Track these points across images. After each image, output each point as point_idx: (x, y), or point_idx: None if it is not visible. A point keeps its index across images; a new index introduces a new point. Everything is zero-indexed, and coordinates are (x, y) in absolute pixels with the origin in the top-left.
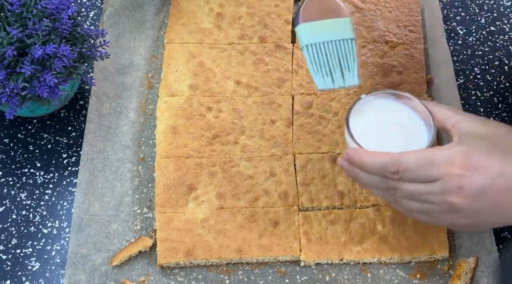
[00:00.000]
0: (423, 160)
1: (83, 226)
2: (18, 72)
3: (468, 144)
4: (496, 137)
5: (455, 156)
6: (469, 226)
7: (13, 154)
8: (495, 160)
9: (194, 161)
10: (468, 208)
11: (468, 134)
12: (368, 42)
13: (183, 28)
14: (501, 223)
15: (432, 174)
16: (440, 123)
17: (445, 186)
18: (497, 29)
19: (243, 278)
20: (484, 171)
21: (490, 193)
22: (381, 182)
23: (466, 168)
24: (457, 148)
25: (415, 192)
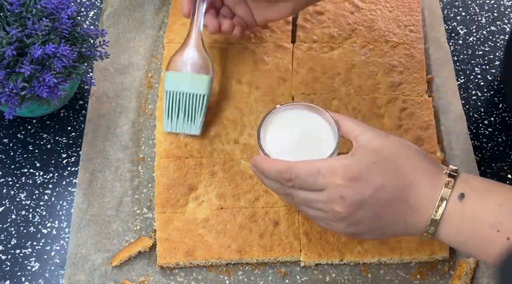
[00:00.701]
0: (311, 170)
1: (83, 226)
2: (17, 72)
3: (357, 157)
4: (386, 150)
5: (338, 167)
6: (360, 234)
7: (12, 154)
8: (378, 173)
9: (194, 161)
10: (351, 217)
11: (363, 147)
12: (368, 42)
13: (183, 28)
14: (391, 234)
15: (318, 183)
16: (344, 135)
17: (329, 195)
18: (497, 29)
19: (243, 279)
20: (365, 183)
21: (371, 204)
22: (280, 188)
23: (347, 178)
24: (344, 160)
25: (306, 199)
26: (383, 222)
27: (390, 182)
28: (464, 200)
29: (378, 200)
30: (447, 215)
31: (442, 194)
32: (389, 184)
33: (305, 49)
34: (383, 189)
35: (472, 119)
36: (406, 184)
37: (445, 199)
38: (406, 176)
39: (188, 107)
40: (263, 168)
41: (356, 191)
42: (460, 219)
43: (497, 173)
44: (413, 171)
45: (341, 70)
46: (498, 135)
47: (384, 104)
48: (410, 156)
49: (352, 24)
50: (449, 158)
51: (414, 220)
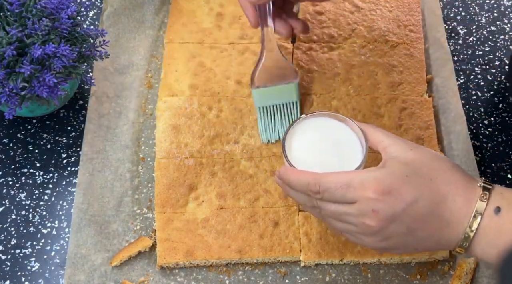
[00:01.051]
0: (341, 183)
1: (83, 226)
2: (17, 72)
3: (389, 169)
4: (418, 163)
5: (370, 180)
6: (391, 249)
7: (12, 154)
8: (411, 186)
9: (194, 161)
10: (383, 231)
11: (393, 159)
12: (368, 42)
13: (183, 28)
14: (424, 249)
15: (348, 196)
16: (373, 146)
17: (361, 209)
18: (497, 29)
19: (243, 279)
20: (399, 196)
21: (404, 218)
22: (307, 200)
23: (379, 192)
24: (375, 173)
25: (336, 212)
26: (416, 237)
27: (423, 196)
28: (500, 214)
29: (411, 214)
30: (482, 229)
31: (477, 208)
32: (422, 198)
33: (305, 49)
34: (416, 203)
35: (472, 119)
36: (440, 198)
37: (480, 213)
38: (439, 190)
39: (282, 115)
40: (290, 180)
41: (388, 205)
42: (496, 234)
43: (497, 173)
44: (446, 185)
45: (341, 70)
46: (498, 135)
47: (384, 104)
48: (443, 169)
49: (352, 24)
50: (450, 158)
51: (448, 235)
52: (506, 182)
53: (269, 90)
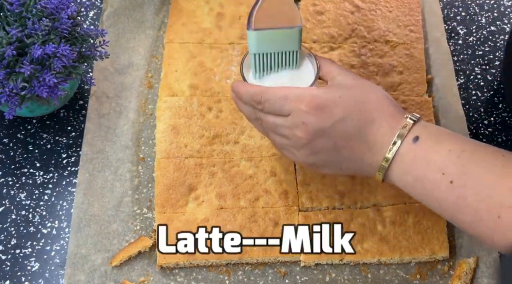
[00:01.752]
0: (280, 94)
1: (83, 226)
2: (17, 72)
3: (326, 89)
4: (355, 88)
5: (306, 95)
6: (319, 166)
7: (12, 154)
8: (343, 106)
9: (194, 161)
10: (311, 144)
11: (336, 84)
12: (368, 42)
13: (183, 28)
14: (348, 170)
15: (285, 108)
16: (323, 76)
17: (293, 120)
18: (497, 29)
19: (243, 278)
20: (329, 112)
21: (331, 133)
22: (251, 112)
23: (312, 107)
24: (313, 90)
25: (273, 124)
26: (341, 156)
27: (352, 116)
28: (417, 143)
29: (338, 131)
30: (399, 155)
31: (398, 135)
32: (351, 118)
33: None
34: (344, 122)
35: (472, 119)
36: (367, 121)
37: (399, 140)
38: (368, 114)
39: (279, 65)
40: (239, 91)
41: (318, 119)
42: (411, 161)
43: None
44: (376, 111)
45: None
46: (498, 135)
47: None
48: (376, 97)
49: (352, 24)
50: None
51: (370, 158)
52: None
53: (270, 33)
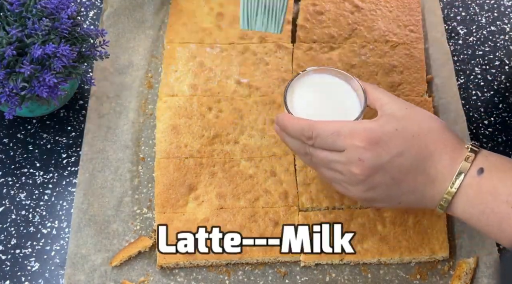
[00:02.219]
0: (333, 129)
1: (83, 226)
2: (17, 72)
3: (379, 122)
4: (410, 119)
5: (360, 129)
6: (376, 201)
7: (12, 154)
8: (400, 140)
9: (194, 161)
10: (368, 180)
11: (388, 115)
12: (368, 42)
13: (183, 28)
14: (408, 204)
15: (338, 144)
16: (371, 104)
17: (348, 157)
18: (497, 29)
19: (243, 278)
20: (386, 148)
21: (389, 169)
22: (300, 147)
23: (367, 142)
24: (366, 124)
25: (325, 159)
26: (400, 190)
27: (410, 150)
28: (482, 175)
29: (397, 166)
30: (463, 188)
31: (461, 167)
32: (408, 152)
33: (305, 49)
34: (402, 156)
35: (472, 119)
36: (426, 154)
37: (463, 173)
38: (427, 147)
39: (268, 4)
40: (286, 125)
41: (375, 154)
42: (476, 194)
43: None
44: (434, 143)
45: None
46: (498, 135)
47: None
48: (433, 128)
49: (352, 24)
50: None
51: (432, 191)
52: None
53: None
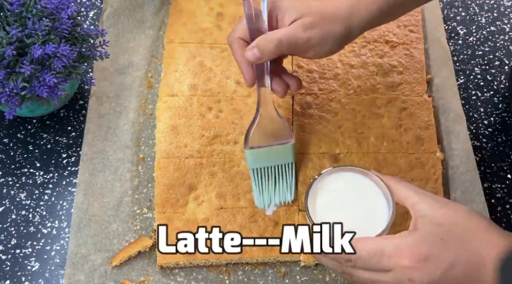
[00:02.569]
0: (374, 251)
1: (83, 226)
2: (17, 72)
3: (421, 233)
4: (452, 223)
5: (404, 247)
6: None
7: (12, 154)
8: (448, 250)
9: (194, 161)
10: None
11: (424, 218)
12: (368, 42)
13: (183, 28)
14: None
15: (383, 265)
16: (399, 201)
17: (396, 278)
18: (497, 29)
19: (243, 278)
20: (436, 262)
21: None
22: (338, 266)
23: (415, 260)
24: (409, 238)
25: (369, 280)
26: None
27: (461, 260)
28: None
29: (450, 279)
30: None
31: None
32: (460, 263)
33: None
34: (453, 269)
35: (472, 119)
36: (479, 260)
37: None
38: (478, 252)
39: (278, 177)
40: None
41: (425, 272)
42: None
43: (497, 173)
44: (484, 246)
45: (341, 70)
46: (498, 135)
47: (383, 104)
48: (479, 229)
49: None
50: (449, 158)
51: None
52: (506, 182)
53: (264, 151)
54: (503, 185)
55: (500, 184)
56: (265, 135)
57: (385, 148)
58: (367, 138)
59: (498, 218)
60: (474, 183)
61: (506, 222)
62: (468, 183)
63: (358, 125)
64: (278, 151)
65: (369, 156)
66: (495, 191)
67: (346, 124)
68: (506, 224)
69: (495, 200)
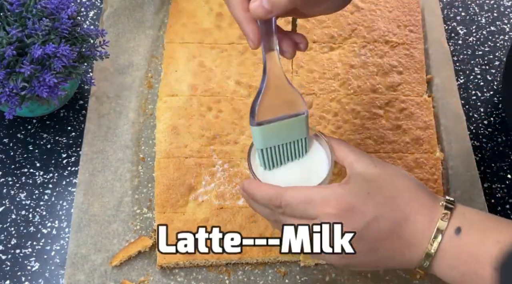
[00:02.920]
0: (303, 198)
1: (83, 226)
2: (17, 72)
3: (350, 186)
4: (382, 180)
5: (331, 196)
6: (353, 266)
7: (12, 154)
8: (373, 204)
9: (194, 161)
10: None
11: (357, 175)
12: (368, 42)
13: (183, 28)
14: (386, 267)
15: (310, 212)
16: (338, 160)
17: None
18: (497, 29)
19: (243, 278)
20: (359, 214)
21: (364, 236)
22: (270, 214)
23: (340, 209)
24: (337, 189)
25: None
26: (377, 256)
27: (385, 215)
28: (460, 235)
29: (372, 232)
30: (442, 249)
31: (438, 227)
32: (383, 217)
33: None
34: (377, 221)
35: (472, 119)
36: (401, 217)
37: (440, 233)
38: (401, 209)
39: (289, 156)
40: (254, 193)
41: (349, 222)
42: (456, 256)
43: (497, 173)
44: (409, 204)
45: (340, 70)
46: (498, 135)
47: (383, 104)
48: (406, 187)
49: (352, 24)
50: (449, 158)
51: (410, 254)
52: (506, 182)
53: (275, 126)
54: (503, 185)
55: (500, 184)
56: (274, 108)
57: (385, 148)
58: (367, 138)
59: None
60: (474, 183)
61: None
62: (468, 183)
63: (358, 125)
64: (291, 126)
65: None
66: (495, 191)
67: (346, 124)
68: None
69: (495, 200)
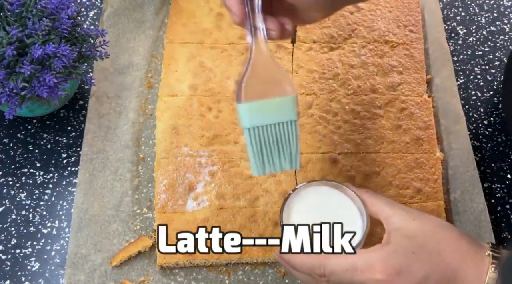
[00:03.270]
0: (347, 265)
1: (83, 226)
2: (17, 72)
3: (393, 246)
4: (423, 235)
5: (376, 261)
6: None
7: (12, 154)
8: (420, 263)
9: (194, 161)
10: None
11: (397, 231)
12: (368, 42)
13: (183, 28)
14: None
15: (356, 279)
16: (373, 215)
17: None
18: (497, 29)
19: (243, 278)
20: (408, 276)
21: None
22: (312, 281)
23: (388, 273)
24: (380, 252)
25: None
26: None
27: (433, 272)
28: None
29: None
30: None
31: (488, 280)
32: (433, 274)
33: (305, 49)
34: (427, 279)
35: (472, 119)
36: (450, 272)
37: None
38: (449, 264)
39: (278, 139)
40: (294, 263)
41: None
42: None
43: (497, 173)
44: (455, 257)
45: (340, 70)
46: (498, 135)
47: (383, 104)
48: (449, 240)
49: (352, 24)
50: (449, 158)
51: None
52: (506, 182)
53: (261, 104)
54: (503, 185)
55: (500, 184)
56: (260, 86)
57: (385, 148)
58: (367, 138)
59: (498, 218)
60: (474, 183)
61: (506, 222)
62: (468, 183)
63: (358, 125)
64: (278, 105)
65: (369, 156)
66: (495, 191)
67: (346, 124)
68: (506, 224)
69: (495, 200)
